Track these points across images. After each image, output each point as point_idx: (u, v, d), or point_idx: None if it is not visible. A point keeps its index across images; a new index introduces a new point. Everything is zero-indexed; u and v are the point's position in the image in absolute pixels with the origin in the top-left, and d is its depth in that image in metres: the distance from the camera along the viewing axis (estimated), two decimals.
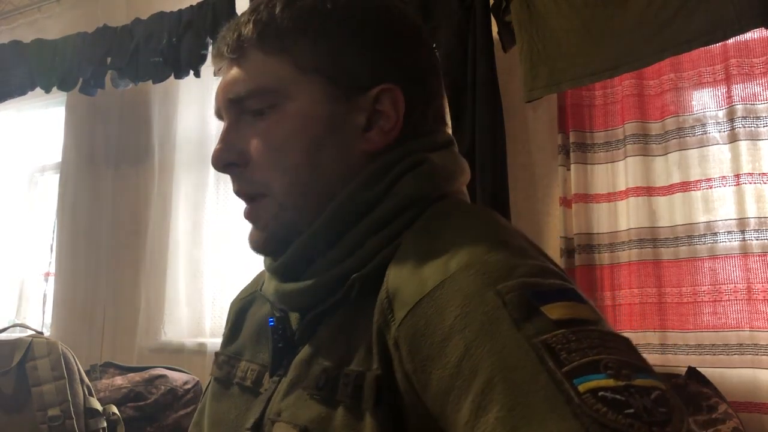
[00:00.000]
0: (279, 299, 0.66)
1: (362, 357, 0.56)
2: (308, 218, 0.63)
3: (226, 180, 2.54)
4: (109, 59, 2.55)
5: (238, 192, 0.67)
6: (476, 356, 0.46)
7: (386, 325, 0.54)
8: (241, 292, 0.82)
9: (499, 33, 1.94)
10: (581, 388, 0.42)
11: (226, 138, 0.65)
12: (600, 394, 0.41)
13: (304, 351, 0.62)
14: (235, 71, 0.65)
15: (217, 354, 0.76)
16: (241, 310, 0.78)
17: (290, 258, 0.64)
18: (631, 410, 0.40)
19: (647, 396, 0.42)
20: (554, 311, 0.47)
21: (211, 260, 2.52)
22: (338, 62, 0.63)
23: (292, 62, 0.63)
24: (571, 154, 1.89)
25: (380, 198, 0.62)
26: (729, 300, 1.66)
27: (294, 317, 0.67)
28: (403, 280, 0.55)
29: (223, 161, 0.65)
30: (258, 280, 0.80)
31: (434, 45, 0.68)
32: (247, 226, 0.68)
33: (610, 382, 0.42)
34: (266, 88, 0.63)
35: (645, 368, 0.45)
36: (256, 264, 0.74)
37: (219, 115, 0.69)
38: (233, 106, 0.65)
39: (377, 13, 0.66)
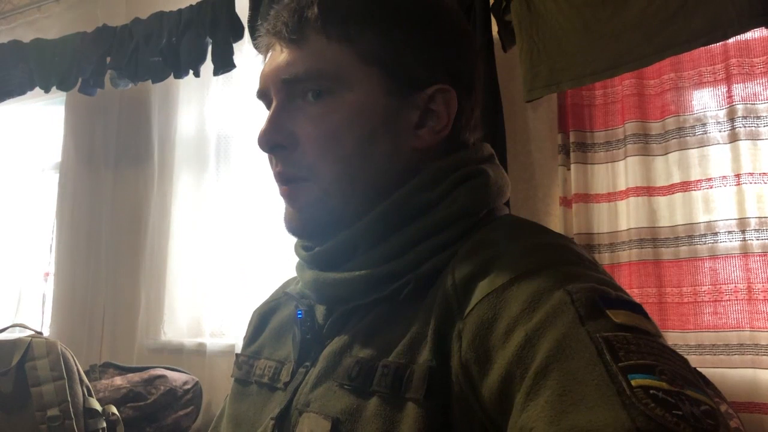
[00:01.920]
0: (317, 288, 0.66)
1: (404, 350, 0.57)
2: (353, 207, 0.64)
3: (226, 180, 2.55)
4: (108, 59, 2.55)
5: (281, 173, 0.66)
6: (536, 344, 0.47)
7: (450, 318, 0.55)
8: (266, 300, 0.83)
9: (499, 33, 1.94)
10: (634, 383, 0.42)
11: (275, 119, 0.65)
12: (651, 391, 0.42)
13: (335, 343, 0.62)
14: (293, 52, 0.64)
15: (237, 355, 0.77)
16: (264, 315, 0.79)
17: (335, 247, 0.65)
18: (680, 412, 0.41)
19: (697, 407, 0.42)
20: (619, 316, 0.48)
21: (210, 260, 2.52)
22: (400, 57, 0.64)
23: (355, 51, 0.63)
24: (571, 154, 1.88)
25: (435, 203, 0.62)
26: (729, 300, 1.66)
27: (320, 311, 0.67)
28: (472, 276, 0.56)
29: (271, 142, 0.65)
30: (282, 288, 0.82)
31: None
32: (247, 227, 0.68)
33: (664, 385, 0.42)
34: (325, 73, 0.63)
35: (699, 385, 0.45)
36: (255, 264, 0.75)
37: (264, 95, 0.68)
38: (286, 87, 0.65)
39: (441, 14, 0.67)
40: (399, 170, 0.64)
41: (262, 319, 0.79)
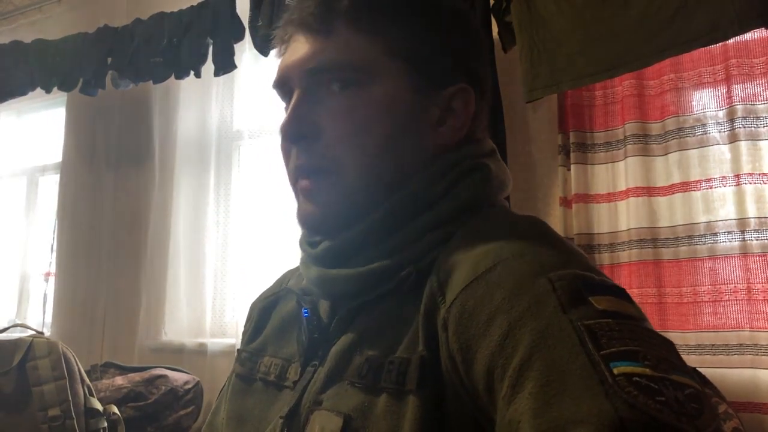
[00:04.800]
0: (322, 285, 0.65)
1: (408, 344, 0.57)
2: (374, 202, 0.63)
3: (226, 180, 2.55)
4: (109, 59, 2.55)
5: (303, 165, 0.65)
6: (518, 334, 0.47)
7: (435, 307, 0.55)
8: (264, 292, 0.82)
9: (499, 33, 1.94)
10: (616, 371, 0.42)
11: (298, 109, 0.64)
12: (634, 379, 0.42)
13: (343, 341, 0.62)
14: (319, 43, 0.64)
15: (239, 351, 0.77)
16: (265, 309, 0.78)
17: (344, 244, 0.64)
18: (663, 398, 0.41)
19: (681, 391, 0.42)
20: (602, 302, 0.48)
21: (211, 260, 2.52)
22: (426, 54, 0.64)
23: (383, 45, 0.63)
24: (572, 154, 1.89)
25: (440, 197, 0.63)
26: (729, 300, 1.66)
27: (324, 308, 0.67)
28: (455, 265, 0.56)
29: (297, 133, 0.64)
30: (281, 281, 0.81)
31: None
32: (247, 226, 0.68)
33: (647, 371, 0.42)
34: (354, 64, 0.62)
35: (683, 368, 0.45)
36: (255, 264, 0.75)
37: (283, 84, 0.67)
38: (310, 78, 0.64)
39: (459, 15, 0.69)
40: (420, 167, 0.64)
41: (262, 314, 0.78)
